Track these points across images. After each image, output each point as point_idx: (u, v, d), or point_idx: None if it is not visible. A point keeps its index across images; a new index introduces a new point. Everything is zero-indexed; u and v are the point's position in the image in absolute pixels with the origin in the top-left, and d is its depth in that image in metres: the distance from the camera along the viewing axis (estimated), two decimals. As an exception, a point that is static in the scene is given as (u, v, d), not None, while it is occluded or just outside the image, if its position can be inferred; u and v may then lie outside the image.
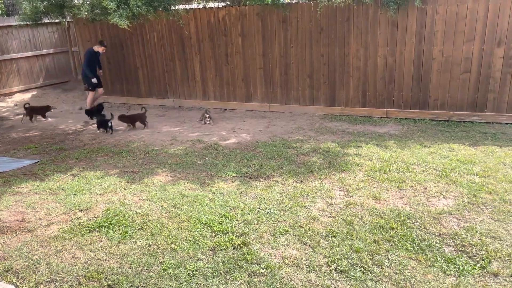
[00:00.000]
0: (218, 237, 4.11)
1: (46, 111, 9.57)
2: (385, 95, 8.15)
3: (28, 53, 12.15)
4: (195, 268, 3.65)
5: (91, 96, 9.69)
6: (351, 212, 4.51)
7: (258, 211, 4.60)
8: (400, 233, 4.06)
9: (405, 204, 4.65)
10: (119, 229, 4.32)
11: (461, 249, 3.81)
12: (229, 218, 4.45)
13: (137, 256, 3.88)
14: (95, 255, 3.93)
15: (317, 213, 4.52)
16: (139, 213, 4.65)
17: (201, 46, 9.46)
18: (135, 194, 5.20)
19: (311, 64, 8.57)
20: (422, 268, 3.57)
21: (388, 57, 7.93)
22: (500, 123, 7.41)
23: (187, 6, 9.53)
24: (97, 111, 8.84)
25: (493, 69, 7.31)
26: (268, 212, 4.56)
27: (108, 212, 4.68)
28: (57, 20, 10.18)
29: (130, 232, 4.27)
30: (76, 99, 11.52)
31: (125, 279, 3.56)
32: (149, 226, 4.37)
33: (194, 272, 3.61)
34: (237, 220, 4.41)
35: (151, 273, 3.63)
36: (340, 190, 5.07)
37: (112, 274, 3.64)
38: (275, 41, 8.73)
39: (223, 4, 9.40)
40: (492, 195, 4.73)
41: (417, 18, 7.52)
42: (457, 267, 3.56)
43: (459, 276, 3.45)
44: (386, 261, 3.67)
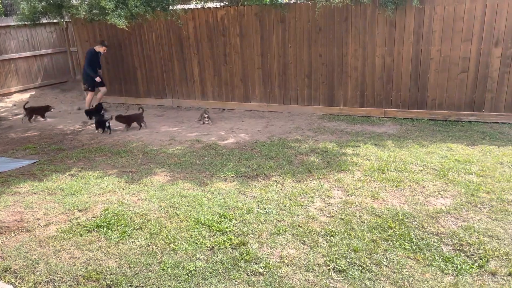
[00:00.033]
0: (217, 237, 4.11)
1: (45, 111, 9.56)
2: (383, 95, 8.17)
3: (26, 53, 12.14)
4: (194, 268, 3.66)
5: (90, 96, 9.68)
6: (349, 211, 4.52)
7: (257, 210, 4.61)
8: (398, 233, 4.07)
9: (403, 204, 4.66)
10: (117, 229, 4.33)
11: (459, 248, 3.83)
12: (227, 217, 4.46)
13: (135, 256, 3.88)
14: (94, 255, 3.93)
15: (315, 213, 4.53)
16: (137, 213, 4.65)
17: (200, 46, 9.47)
18: (134, 194, 5.20)
19: (310, 64, 8.59)
20: (420, 267, 3.59)
21: (386, 57, 7.95)
22: (498, 122, 7.43)
23: (186, 6, 9.53)
24: (96, 111, 8.85)
25: (491, 69, 7.33)
26: (266, 212, 4.57)
27: (106, 212, 4.68)
28: (55, 20, 10.18)
29: (129, 232, 4.28)
30: (75, 99, 11.52)
31: (123, 279, 3.56)
32: (147, 226, 4.37)
33: (192, 272, 3.61)
34: (235, 220, 4.42)
35: (150, 273, 3.63)
36: (338, 190, 5.08)
37: (111, 274, 3.64)
38: (273, 41, 8.74)
39: (221, 4, 9.40)
40: (490, 195, 4.75)
41: (415, 18, 7.54)
42: (455, 266, 3.57)
43: (457, 275, 3.47)
44: (384, 260, 3.68)
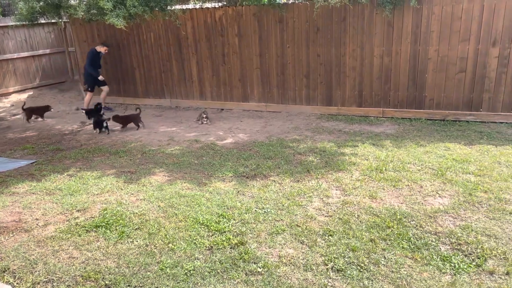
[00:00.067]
0: (215, 237, 4.12)
1: (45, 111, 9.59)
2: (381, 95, 8.19)
3: (24, 54, 12.12)
4: (193, 268, 3.66)
5: (88, 96, 9.69)
6: (347, 211, 4.53)
7: (255, 210, 4.62)
8: (396, 232, 4.08)
9: (401, 203, 4.67)
10: (116, 229, 4.33)
11: (456, 247, 3.84)
12: (226, 217, 4.46)
13: (134, 256, 3.89)
14: (92, 255, 3.93)
15: (314, 212, 4.54)
16: (136, 213, 4.65)
17: (198, 46, 9.47)
18: (132, 194, 5.20)
19: (308, 64, 8.60)
20: (418, 266, 3.60)
21: (384, 57, 7.96)
22: (495, 122, 7.45)
23: (184, 6, 9.53)
24: (94, 111, 8.79)
25: (488, 69, 7.35)
26: (265, 212, 4.58)
27: (105, 212, 4.68)
28: (53, 21, 10.17)
29: (127, 232, 4.28)
30: (73, 99, 11.50)
31: (122, 279, 3.57)
32: (146, 226, 4.38)
33: (191, 272, 3.62)
34: (234, 220, 4.42)
35: (149, 273, 3.63)
36: (336, 189, 5.09)
37: (110, 274, 3.64)
38: (271, 41, 8.75)
39: (219, 4, 9.40)
40: (488, 194, 4.76)
41: (412, 18, 7.56)
42: (453, 265, 3.59)
43: (455, 274, 3.48)
44: (383, 259, 3.69)
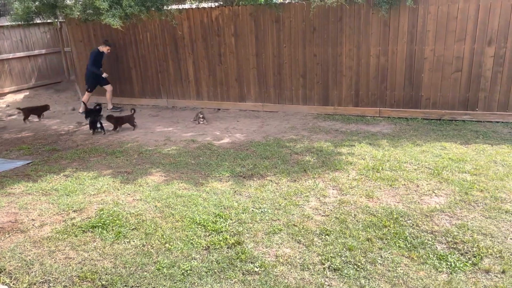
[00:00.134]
0: (212, 237, 4.12)
1: (43, 110, 9.60)
2: (378, 95, 8.20)
3: (20, 54, 12.06)
4: (189, 268, 3.66)
5: (86, 96, 9.67)
6: (344, 210, 4.54)
7: (252, 210, 4.62)
8: (392, 231, 4.09)
9: (398, 202, 4.69)
10: (113, 229, 4.32)
11: (453, 246, 3.85)
12: (223, 217, 4.46)
13: (131, 256, 3.88)
14: (89, 255, 3.92)
15: (310, 212, 4.54)
16: (133, 213, 4.65)
17: (194, 46, 9.46)
18: (129, 194, 5.19)
19: (304, 64, 8.60)
20: (415, 265, 3.61)
21: (380, 57, 7.98)
22: (491, 121, 7.48)
23: (180, 6, 9.51)
24: (92, 111, 8.65)
25: (484, 68, 7.38)
26: (262, 211, 4.58)
27: (101, 212, 4.67)
28: (49, 21, 10.10)
29: (124, 232, 4.27)
30: (69, 99, 11.47)
31: (119, 279, 3.56)
32: (143, 226, 4.37)
33: (188, 272, 3.61)
34: (231, 220, 4.42)
35: (145, 273, 3.63)
36: (333, 189, 5.10)
37: (106, 274, 3.63)
38: (268, 41, 8.75)
39: (216, 4, 9.39)
40: (484, 193, 4.78)
41: (408, 18, 7.58)
42: (449, 264, 3.60)
43: (451, 273, 3.49)
44: (379, 258, 3.70)
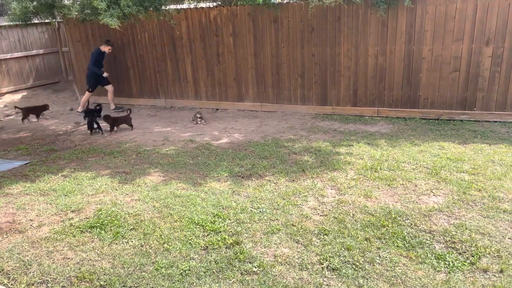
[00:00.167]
0: (211, 237, 4.12)
1: (42, 110, 9.61)
2: (376, 94, 8.21)
3: (17, 54, 12.03)
4: (188, 268, 3.66)
5: (86, 97, 9.66)
6: (342, 210, 4.54)
7: (251, 210, 4.62)
8: (391, 231, 4.10)
9: (396, 202, 4.69)
10: (111, 230, 4.31)
11: (451, 245, 3.86)
12: (221, 217, 4.46)
13: (129, 256, 3.87)
14: (87, 255, 3.91)
15: (309, 212, 4.55)
16: (131, 213, 4.64)
17: (193, 46, 9.45)
18: (127, 194, 5.18)
19: (303, 64, 8.61)
20: (413, 264, 3.61)
21: (378, 57, 7.99)
22: (489, 121, 7.50)
23: (178, 6, 9.50)
24: (92, 111, 8.54)
25: (482, 68, 7.39)
26: (260, 211, 4.58)
27: (100, 212, 4.66)
28: (47, 21, 10.09)
29: (122, 232, 4.26)
30: (67, 99, 11.45)
31: (117, 279, 3.55)
32: (141, 226, 4.36)
33: (186, 272, 3.61)
34: (229, 220, 4.42)
35: (144, 273, 3.62)
36: (331, 189, 5.10)
37: (104, 274, 3.63)
38: (266, 41, 8.75)
39: (214, 4, 9.39)
40: (481, 192, 4.79)
41: (406, 17, 7.59)
42: (447, 263, 3.61)
43: (449, 272, 3.50)
44: (378, 258, 3.71)
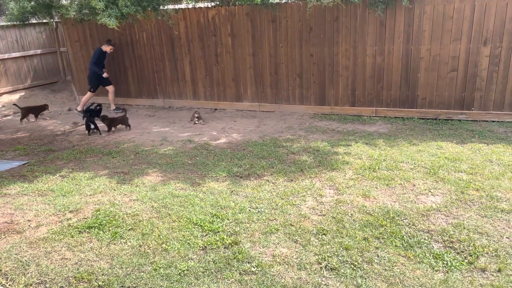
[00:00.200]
0: (209, 237, 4.11)
1: (42, 110, 9.60)
2: (374, 94, 8.22)
3: (15, 54, 12.00)
4: (186, 268, 3.65)
5: (87, 97, 9.65)
6: (341, 210, 4.55)
7: (249, 210, 4.62)
8: (389, 230, 4.10)
9: (394, 202, 4.70)
10: (109, 230, 4.31)
11: (449, 245, 3.86)
12: (220, 217, 4.46)
13: (127, 256, 3.87)
14: (85, 256, 3.91)
15: (307, 212, 4.55)
16: (129, 213, 4.63)
17: (191, 46, 9.44)
18: (125, 194, 5.18)
19: (301, 64, 8.61)
20: (411, 264, 3.62)
21: (376, 57, 7.99)
22: (487, 121, 7.51)
23: (177, 6, 9.50)
24: (89, 111, 8.47)
25: (480, 68, 7.41)
26: (259, 211, 4.58)
27: (98, 213, 4.66)
28: (45, 21, 10.08)
29: (121, 232, 4.26)
30: (65, 100, 11.43)
31: (115, 279, 3.55)
32: (139, 227, 4.36)
33: (185, 272, 3.61)
34: (228, 220, 4.42)
35: (142, 273, 3.62)
36: (330, 189, 5.11)
37: (103, 274, 3.62)
38: (264, 41, 8.75)
39: (212, 4, 9.39)
40: (479, 192, 4.80)
41: (404, 17, 7.60)
42: (445, 263, 3.61)
43: (447, 272, 3.50)
44: (376, 258, 3.71)
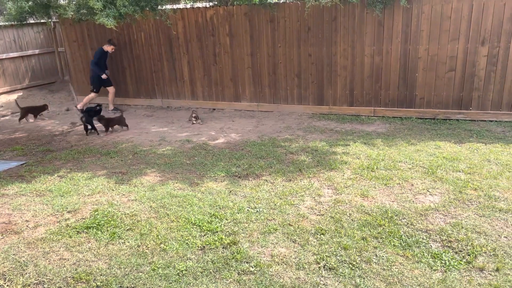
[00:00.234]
0: (208, 237, 4.11)
1: (42, 110, 9.58)
2: (372, 94, 8.23)
3: (13, 54, 11.98)
4: (185, 268, 3.65)
5: (90, 97, 9.63)
6: (339, 209, 4.55)
7: (248, 210, 4.62)
8: (387, 230, 4.11)
9: (393, 201, 4.70)
10: (107, 230, 4.30)
11: (447, 244, 3.87)
12: (218, 217, 4.45)
13: (126, 256, 3.86)
14: (84, 256, 3.90)
15: (306, 211, 4.55)
16: (127, 213, 4.63)
17: (189, 46, 9.44)
18: (124, 194, 5.17)
19: (299, 64, 8.61)
20: (410, 264, 3.62)
21: (374, 56, 8.00)
22: (485, 120, 7.53)
23: (175, 6, 9.49)
24: (88, 112, 8.43)
25: (478, 68, 7.42)
26: (257, 211, 4.58)
27: (96, 213, 4.65)
28: (42, 20, 10.06)
29: (119, 232, 4.25)
30: (63, 100, 11.41)
31: (114, 280, 3.54)
32: (138, 227, 4.35)
33: (183, 272, 3.61)
34: (226, 219, 4.42)
35: (140, 274, 3.62)
36: (328, 188, 5.11)
37: (101, 275, 3.62)
38: (263, 41, 8.75)
39: (210, 4, 9.38)
40: (477, 192, 4.81)
41: (402, 17, 7.61)
42: (443, 262, 3.62)
43: (446, 271, 3.51)
44: (374, 257, 3.71)
